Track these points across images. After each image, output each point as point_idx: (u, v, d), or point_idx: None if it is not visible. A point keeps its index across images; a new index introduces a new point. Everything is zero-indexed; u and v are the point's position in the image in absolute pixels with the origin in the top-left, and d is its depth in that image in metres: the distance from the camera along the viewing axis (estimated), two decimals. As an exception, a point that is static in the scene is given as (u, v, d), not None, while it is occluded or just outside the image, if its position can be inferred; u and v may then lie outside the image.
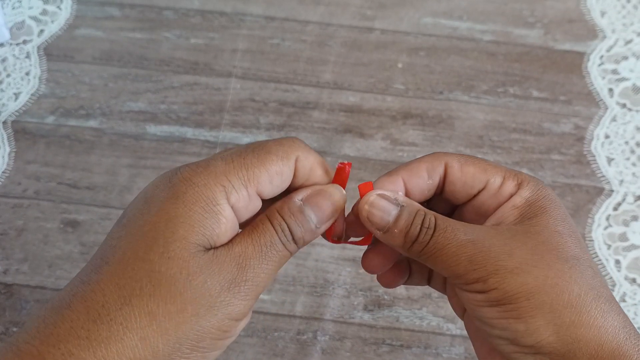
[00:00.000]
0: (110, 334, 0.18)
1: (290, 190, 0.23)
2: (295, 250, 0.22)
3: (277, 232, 0.21)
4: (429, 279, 0.27)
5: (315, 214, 0.22)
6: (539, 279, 0.20)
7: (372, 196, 0.23)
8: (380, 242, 0.24)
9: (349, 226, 0.25)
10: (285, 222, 0.21)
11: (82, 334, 0.18)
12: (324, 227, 0.22)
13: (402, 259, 0.27)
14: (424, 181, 0.23)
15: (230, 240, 0.21)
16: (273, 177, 0.21)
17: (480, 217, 0.24)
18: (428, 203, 0.25)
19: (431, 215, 0.22)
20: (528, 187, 0.22)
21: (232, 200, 0.21)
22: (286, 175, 0.22)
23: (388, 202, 0.22)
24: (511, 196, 0.22)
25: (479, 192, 0.23)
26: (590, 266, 0.21)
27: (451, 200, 0.24)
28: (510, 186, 0.23)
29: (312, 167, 0.23)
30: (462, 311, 0.26)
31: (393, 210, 0.22)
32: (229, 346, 0.40)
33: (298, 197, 0.22)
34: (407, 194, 0.24)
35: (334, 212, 0.22)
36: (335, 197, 0.23)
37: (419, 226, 0.21)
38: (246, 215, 0.22)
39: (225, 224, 0.20)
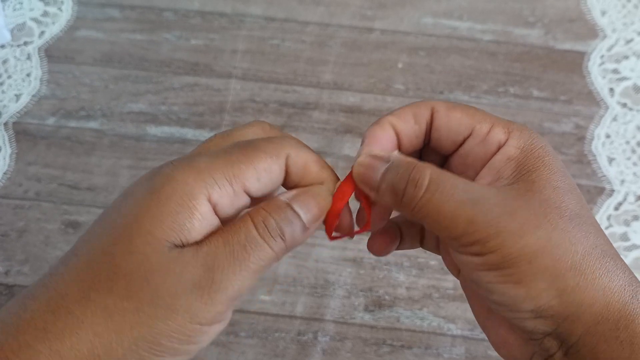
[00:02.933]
0: (66, 326, 0.18)
1: (287, 188, 0.22)
2: (282, 249, 0.20)
3: (257, 228, 0.19)
4: (421, 240, 0.26)
5: (304, 211, 0.20)
6: (542, 240, 0.19)
7: (362, 156, 0.21)
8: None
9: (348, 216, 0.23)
10: (272, 217, 0.19)
11: (39, 325, 0.18)
12: (314, 226, 0.21)
13: (391, 225, 0.26)
14: (411, 126, 0.22)
15: (203, 239, 0.19)
16: (261, 174, 0.20)
17: (469, 168, 0.22)
18: (420, 158, 0.24)
19: (425, 168, 0.20)
20: (521, 136, 0.21)
21: (215, 197, 0.19)
22: (276, 173, 0.21)
23: (378, 160, 0.21)
24: (500, 145, 0.21)
25: (465, 139, 0.22)
26: (593, 223, 0.20)
27: (438, 150, 0.23)
28: (499, 133, 0.21)
29: (305, 165, 0.21)
30: (457, 270, 0.24)
31: (382, 167, 0.21)
32: (229, 347, 0.40)
33: (284, 197, 0.21)
34: (400, 144, 0.22)
35: (320, 212, 0.21)
36: (321, 196, 0.21)
37: (406, 180, 0.20)
38: (231, 212, 0.20)
39: (200, 221, 0.19)
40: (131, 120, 0.48)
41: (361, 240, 0.44)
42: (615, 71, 0.51)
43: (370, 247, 0.25)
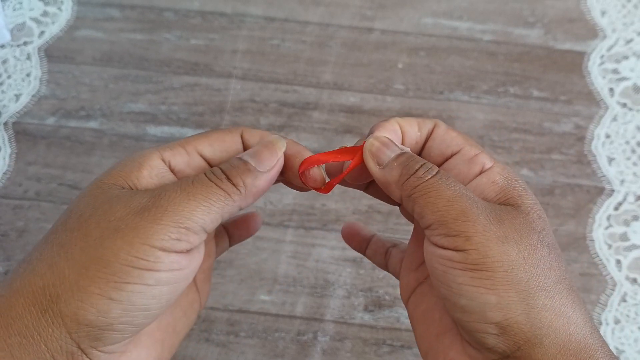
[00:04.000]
0: (25, 269, 0.19)
1: None
2: (234, 192, 0.21)
3: (206, 174, 0.21)
4: (386, 258, 0.28)
5: (252, 157, 0.22)
6: (522, 254, 0.19)
7: (381, 136, 0.23)
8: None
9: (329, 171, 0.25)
10: (220, 167, 0.21)
11: (8, 278, 0.19)
12: (266, 168, 0.22)
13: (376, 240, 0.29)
14: (415, 131, 0.24)
15: (159, 184, 0.22)
16: (213, 141, 0.23)
17: None
18: None
19: (434, 165, 0.22)
20: (504, 169, 0.22)
21: (166, 155, 0.22)
22: (229, 141, 0.23)
23: (394, 144, 0.23)
24: (483, 169, 0.22)
25: (453, 155, 0.23)
26: (562, 258, 0.21)
27: (427, 159, 0.24)
28: (485, 159, 0.23)
29: (261, 135, 0.24)
30: (409, 293, 0.25)
31: (397, 150, 0.22)
32: (229, 347, 0.40)
33: (240, 154, 0.23)
34: (404, 142, 0.24)
35: (272, 153, 0.22)
36: (276, 145, 0.23)
37: (420, 164, 0.21)
38: (191, 173, 0.22)
39: (149, 170, 0.21)
40: (131, 120, 0.48)
41: (361, 240, 0.44)
42: (615, 71, 0.51)
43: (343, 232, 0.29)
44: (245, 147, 0.24)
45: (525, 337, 0.19)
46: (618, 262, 0.44)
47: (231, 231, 0.28)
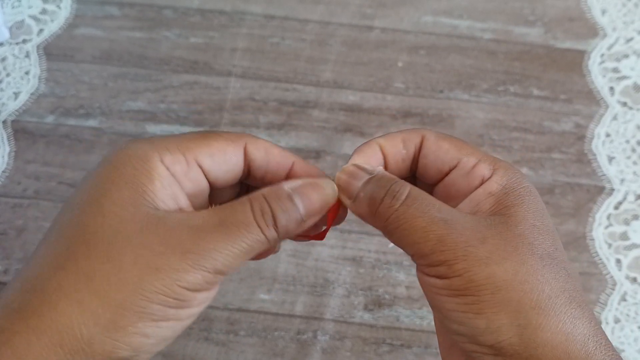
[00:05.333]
0: (43, 301, 0.17)
1: (258, 178, 0.22)
2: (274, 238, 0.19)
3: (254, 213, 0.19)
4: None
5: (304, 204, 0.20)
6: (509, 273, 0.18)
7: (348, 166, 0.22)
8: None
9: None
10: (269, 205, 0.19)
11: (14, 307, 0.17)
12: (311, 221, 0.21)
13: None
14: (399, 150, 0.22)
15: (193, 211, 0.20)
16: (214, 152, 0.21)
17: (452, 199, 0.22)
18: None
19: (404, 184, 0.20)
20: (505, 174, 0.21)
21: (167, 162, 0.19)
22: (231, 154, 0.21)
23: (362, 171, 0.21)
24: (483, 180, 0.21)
25: (451, 170, 0.22)
26: (565, 267, 0.20)
27: (424, 178, 0.23)
28: (484, 169, 0.21)
29: (266, 149, 0.22)
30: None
31: (365, 177, 0.21)
32: (228, 346, 0.40)
33: (287, 186, 0.20)
34: (386, 165, 0.23)
35: (322, 207, 0.21)
36: (327, 191, 0.21)
37: (386, 190, 0.20)
38: (188, 185, 0.20)
39: (161, 182, 0.19)
40: (130, 119, 0.48)
41: (361, 240, 0.44)
42: (615, 70, 0.51)
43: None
44: (246, 160, 0.22)
45: (520, 357, 0.18)
46: (618, 261, 0.44)
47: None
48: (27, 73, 0.50)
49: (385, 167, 0.23)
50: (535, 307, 0.18)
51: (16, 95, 0.49)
